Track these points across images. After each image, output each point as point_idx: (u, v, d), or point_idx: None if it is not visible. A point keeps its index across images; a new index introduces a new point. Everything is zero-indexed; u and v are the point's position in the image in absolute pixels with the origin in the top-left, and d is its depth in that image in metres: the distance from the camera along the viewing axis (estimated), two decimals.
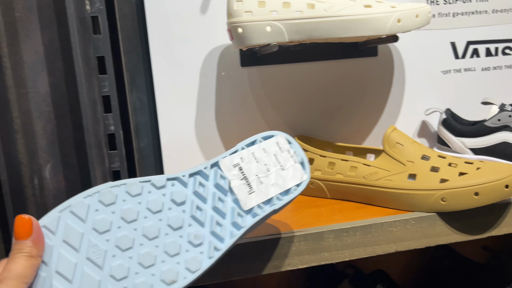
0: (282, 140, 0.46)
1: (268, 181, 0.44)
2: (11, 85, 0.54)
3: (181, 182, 0.42)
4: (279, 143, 0.46)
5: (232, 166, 0.44)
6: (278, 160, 0.45)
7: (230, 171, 0.43)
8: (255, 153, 0.45)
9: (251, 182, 0.44)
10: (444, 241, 0.53)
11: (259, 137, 0.46)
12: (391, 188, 0.54)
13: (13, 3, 0.53)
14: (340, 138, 0.69)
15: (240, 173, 0.44)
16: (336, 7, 0.55)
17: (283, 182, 0.44)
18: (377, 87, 0.69)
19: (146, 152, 0.65)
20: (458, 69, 0.71)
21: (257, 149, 0.45)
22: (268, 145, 0.45)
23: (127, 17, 0.61)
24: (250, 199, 0.43)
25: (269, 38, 0.54)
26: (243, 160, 0.44)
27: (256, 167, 0.44)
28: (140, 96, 0.64)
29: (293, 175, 0.45)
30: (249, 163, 0.44)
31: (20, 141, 0.56)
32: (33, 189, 0.57)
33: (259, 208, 0.43)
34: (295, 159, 0.46)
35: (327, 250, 0.50)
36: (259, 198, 0.43)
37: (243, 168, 0.44)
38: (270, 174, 0.44)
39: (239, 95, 0.65)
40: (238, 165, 0.44)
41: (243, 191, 0.43)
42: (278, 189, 0.44)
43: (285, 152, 0.46)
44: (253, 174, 0.44)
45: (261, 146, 0.45)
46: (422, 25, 0.57)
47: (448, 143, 0.66)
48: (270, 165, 0.45)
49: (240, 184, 0.43)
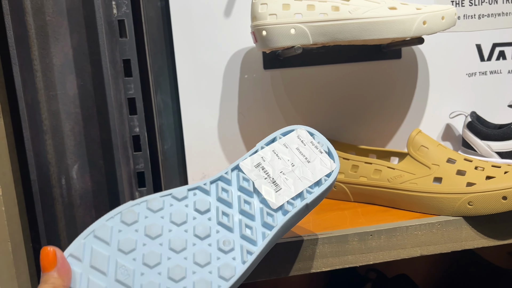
0: (303, 133, 0.45)
1: (294, 176, 0.43)
2: (41, 87, 0.56)
3: (202, 190, 0.41)
4: (300, 136, 0.45)
5: (254, 167, 0.43)
6: (302, 153, 0.44)
7: (252, 171, 0.43)
8: (276, 150, 0.44)
9: (276, 179, 0.42)
10: (470, 246, 0.52)
11: (278, 134, 0.45)
12: (416, 191, 0.54)
13: (43, 7, 0.54)
14: (363, 141, 0.69)
15: (263, 173, 0.43)
16: (361, 9, 0.54)
17: (311, 174, 0.43)
18: (400, 89, 0.69)
19: (170, 153, 0.66)
20: (484, 71, 0.70)
21: (278, 146, 0.44)
22: (289, 140, 0.44)
23: (153, 21, 0.62)
24: (278, 196, 0.42)
25: (293, 41, 0.55)
26: (265, 159, 0.43)
27: (280, 164, 0.43)
28: (165, 98, 0.65)
29: (321, 166, 0.44)
30: (272, 161, 0.43)
31: (48, 142, 0.57)
32: (60, 189, 0.58)
33: (289, 204, 0.42)
34: (320, 149, 0.44)
35: (351, 253, 0.49)
36: (287, 194, 0.42)
37: (265, 167, 0.43)
38: (296, 168, 0.43)
39: (262, 98, 0.66)
40: (259, 164, 0.43)
41: (269, 190, 0.42)
42: (307, 182, 0.43)
43: (308, 145, 0.44)
44: (277, 171, 0.43)
45: (281, 142, 0.44)
46: (448, 27, 0.56)
47: (473, 147, 0.65)
48: (294, 159, 0.43)
49: (265, 183, 0.42)
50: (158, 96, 0.64)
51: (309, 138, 0.45)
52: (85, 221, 0.59)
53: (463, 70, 0.69)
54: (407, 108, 0.69)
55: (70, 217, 0.59)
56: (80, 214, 0.59)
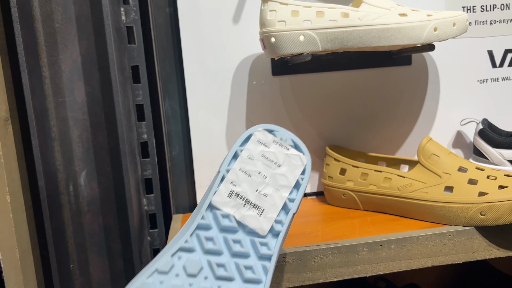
0: (262, 134, 0.41)
1: (271, 188, 0.40)
2: (49, 94, 0.56)
3: (186, 250, 0.37)
4: (261, 139, 0.41)
5: (227, 198, 0.39)
6: (269, 158, 0.40)
7: (228, 204, 0.39)
8: (242, 168, 0.40)
9: (255, 201, 0.39)
10: (482, 257, 0.51)
11: (238, 147, 0.41)
12: (426, 200, 0.53)
13: (52, 15, 0.54)
14: (372, 148, 0.68)
15: (240, 200, 0.39)
16: (371, 16, 0.54)
17: (286, 179, 0.40)
18: (410, 96, 0.68)
19: (178, 160, 0.65)
20: (496, 78, 0.69)
21: (243, 162, 0.40)
22: (251, 149, 0.40)
23: (161, 27, 0.62)
24: (264, 220, 0.39)
25: (302, 48, 0.54)
26: (235, 183, 0.39)
27: (252, 181, 0.39)
28: (173, 105, 0.64)
29: (293, 165, 0.40)
30: (243, 182, 0.39)
31: (56, 148, 0.57)
32: (68, 196, 0.58)
33: (278, 223, 0.39)
34: (286, 146, 0.41)
35: (360, 263, 0.49)
36: (272, 212, 0.39)
37: (239, 193, 0.39)
38: (269, 179, 0.40)
39: (270, 104, 0.65)
40: (232, 192, 0.39)
41: (252, 217, 0.38)
42: (286, 190, 0.40)
43: (272, 145, 0.41)
44: (253, 191, 0.39)
45: (244, 156, 0.40)
46: (459, 33, 0.56)
47: (485, 154, 0.64)
48: (264, 170, 0.40)
49: (246, 210, 0.39)
50: (166, 102, 0.64)
51: (270, 138, 0.41)
52: (93, 227, 0.59)
53: (474, 77, 0.68)
54: (417, 115, 0.68)
55: (78, 224, 0.59)
56: (87, 221, 0.59)
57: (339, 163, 0.61)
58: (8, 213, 0.52)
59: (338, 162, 0.61)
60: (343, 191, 0.60)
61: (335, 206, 0.62)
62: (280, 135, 0.42)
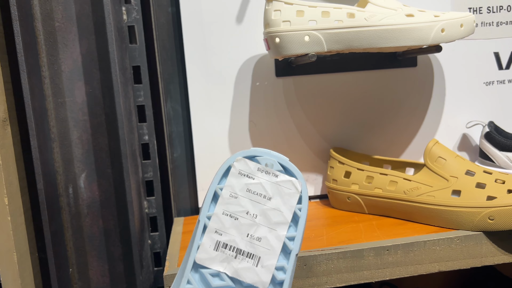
0: (242, 164, 0.34)
1: (264, 229, 0.33)
2: (49, 94, 0.55)
3: None
4: (242, 170, 0.34)
5: (214, 251, 0.33)
6: (255, 192, 0.34)
7: (216, 259, 0.33)
8: (226, 210, 0.33)
9: (248, 249, 0.33)
10: (490, 262, 0.50)
11: (216, 186, 0.34)
12: (433, 204, 0.52)
13: (53, 13, 0.53)
14: (377, 151, 0.67)
15: (230, 251, 0.33)
16: (377, 17, 0.53)
17: (281, 214, 0.34)
18: (416, 98, 0.67)
19: (179, 162, 0.64)
20: (502, 80, 0.68)
21: (225, 203, 0.34)
22: (232, 186, 0.34)
23: (163, 27, 0.61)
24: (262, 270, 0.33)
25: (308, 48, 0.53)
26: (221, 232, 0.33)
27: (240, 225, 0.33)
28: (174, 106, 0.63)
29: (286, 195, 0.34)
30: (229, 229, 0.33)
31: (56, 150, 0.56)
32: (67, 198, 0.57)
33: (279, 270, 0.33)
34: (274, 172, 0.34)
35: (366, 268, 0.48)
36: (270, 259, 0.33)
37: (227, 243, 0.33)
38: (260, 218, 0.33)
39: (274, 106, 0.64)
40: (219, 244, 0.33)
41: (248, 269, 0.32)
42: (283, 228, 0.33)
43: (257, 175, 0.34)
44: (243, 237, 0.33)
45: (225, 195, 0.34)
46: (466, 35, 0.55)
47: (491, 158, 0.63)
48: (251, 208, 0.33)
49: (239, 263, 0.33)
50: (168, 103, 0.63)
51: (253, 166, 0.34)
52: (93, 231, 0.58)
53: (480, 79, 0.68)
54: (422, 118, 0.67)
55: (77, 227, 0.58)
56: (87, 224, 0.58)
57: (344, 166, 0.59)
58: (6, 215, 0.51)
59: (343, 165, 0.60)
60: (347, 195, 0.59)
61: (339, 209, 0.61)
62: (265, 160, 0.34)
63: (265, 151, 0.35)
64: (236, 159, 0.35)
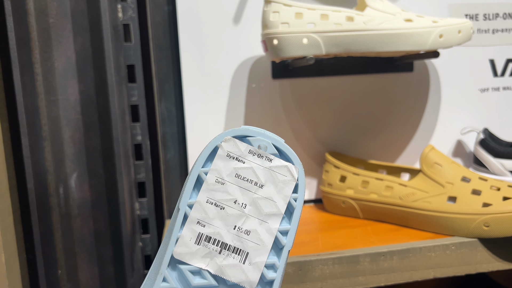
0: (231, 145, 0.29)
1: (254, 221, 0.29)
2: (41, 92, 0.53)
3: None
4: (231, 152, 0.29)
5: (195, 245, 0.28)
6: (245, 178, 0.29)
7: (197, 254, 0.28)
8: (210, 198, 0.29)
9: (234, 244, 0.29)
10: (485, 269, 0.50)
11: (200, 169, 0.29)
12: (429, 210, 0.52)
13: (47, 9, 0.52)
14: (372, 155, 0.67)
15: (213, 245, 0.29)
16: (376, 21, 0.53)
17: (274, 205, 0.29)
18: (411, 103, 0.67)
19: (172, 163, 0.63)
20: (497, 87, 0.68)
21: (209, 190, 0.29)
22: (219, 170, 0.29)
23: (159, 26, 0.60)
24: (250, 268, 0.29)
25: (306, 51, 0.53)
26: (203, 223, 0.29)
27: (226, 216, 0.29)
28: (169, 106, 0.62)
29: (280, 182, 0.29)
30: (214, 219, 0.29)
31: (47, 149, 0.55)
32: (58, 198, 0.56)
33: (270, 268, 0.29)
34: (267, 156, 0.29)
35: (362, 274, 0.47)
36: (259, 256, 0.29)
37: (211, 235, 0.29)
38: (250, 208, 0.29)
39: (269, 108, 0.64)
40: (200, 236, 0.29)
41: (233, 267, 0.28)
42: (275, 220, 0.29)
43: (248, 159, 0.29)
44: (229, 230, 0.29)
45: (210, 180, 0.29)
46: (464, 41, 0.55)
47: (485, 164, 0.64)
48: (240, 197, 0.29)
49: (223, 259, 0.28)
50: (162, 103, 0.62)
51: (244, 148, 0.29)
52: (83, 232, 0.57)
53: (475, 86, 0.68)
54: (418, 123, 0.67)
55: (67, 228, 0.56)
56: (77, 225, 0.57)
57: (339, 170, 0.59)
58: None
59: (338, 169, 0.59)
60: (342, 199, 0.59)
61: (334, 214, 0.60)
62: (257, 142, 0.29)
63: (258, 130, 0.30)
64: (225, 138, 0.29)
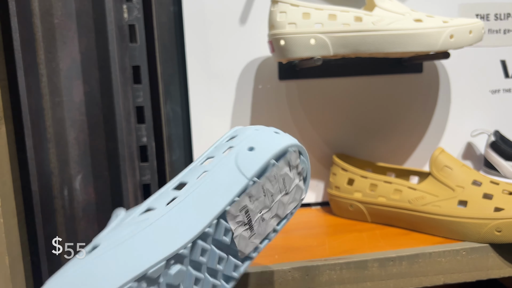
0: (294, 156, 0.37)
1: (269, 215, 0.37)
2: (46, 93, 0.53)
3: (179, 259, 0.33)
4: (291, 161, 0.37)
5: (239, 211, 0.35)
6: (285, 183, 0.37)
7: (236, 218, 0.35)
8: (265, 185, 0.36)
9: (254, 224, 0.36)
10: (496, 275, 0.49)
11: (271, 159, 0.36)
12: (439, 214, 0.50)
13: (52, 9, 0.52)
14: (380, 158, 0.66)
15: (246, 218, 0.35)
16: (385, 21, 0.52)
17: (282, 210, 0.37)
18: (420, 105, 0.66)
19: (178, 165, 0.63)
20: (508, 88, 0.67)
21: (268, 178, 0.36)
22: (280, 168, 0.36)
23: (165, 26, 0.60)
24: (249, 244, 0.36)
25: (313, 51, 0.52)
26: (252, 199, 0.35)
27: (262, 202, 0.36)
28: (174, 107, 0.62)
29: (293, 198, 0.38)
30: (256, 200, 0.35)
31: (52, 150, 0.54)
32: (62, 200, 0.55)
33: (256, 250, 0.37)
34: (301, 176, 0.38)
35: (370, 279, 0.46)
36: (257, 239, 0.36)
37: (249, 210, 0.35)
38: (273, 205, 0.37)
39: (276, 110, 0.63)
40: (245, 207, 0.35)
41: (243, 239, 0.35)
42: (276, 220, 0.37)
43: (293, 170, 0.37)
44: (257, 213, 0.36)
45: (272, 172, 0.36)
46: (475, 41, 0.54)
47: (496, 167, 0.62)
48: (275, 193, 0.36)
49: (243, 231, 0.35)
50: (167, 105, 0.61)
51: (296, 162, 0.37)
52: (87, 234, 0.56)
53: (486, 87, 0.66)
54: (427, 125, 0.66)
55: (72, 230, 0.56)
56: (82, 227, 0.56)
57: (347, 173, 0.58)
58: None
59: (346, 171, 0.58)
60: (350, 202, 0.58)
61: (341, 217, 0.60)
62: (303, 164, 0.38)
63: (306, 154, 0.39)
64: (293, 148, 0.37)
